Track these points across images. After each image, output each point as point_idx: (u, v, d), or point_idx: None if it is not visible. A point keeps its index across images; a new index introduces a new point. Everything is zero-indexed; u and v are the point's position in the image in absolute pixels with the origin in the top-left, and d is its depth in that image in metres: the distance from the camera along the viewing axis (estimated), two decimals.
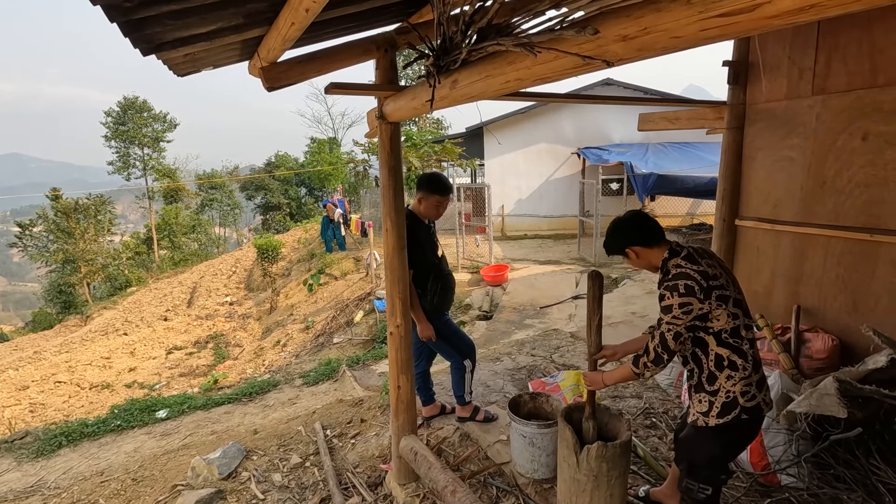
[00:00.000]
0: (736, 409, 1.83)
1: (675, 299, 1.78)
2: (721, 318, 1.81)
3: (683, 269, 1.83)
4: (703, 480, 1.95)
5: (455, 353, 3.18)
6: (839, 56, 3.10)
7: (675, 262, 1.88)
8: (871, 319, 2.98)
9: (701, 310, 1.78)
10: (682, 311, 1.78)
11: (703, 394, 1.89)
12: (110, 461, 4.10)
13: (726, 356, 1.83)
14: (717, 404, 1.85)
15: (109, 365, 11.50)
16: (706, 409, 1.88)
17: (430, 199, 3.03)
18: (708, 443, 1.93)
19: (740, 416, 1.83)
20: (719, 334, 1.83)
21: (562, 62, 1.31)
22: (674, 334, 1.81)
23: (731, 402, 1.83)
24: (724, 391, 1.84)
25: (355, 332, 8.57)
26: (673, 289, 1.80)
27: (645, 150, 11.38)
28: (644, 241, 1.97)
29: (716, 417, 1.86)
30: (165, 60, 2.28)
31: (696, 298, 1.77)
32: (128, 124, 28.34)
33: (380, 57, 2.57)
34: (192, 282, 18.27)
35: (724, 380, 1.84)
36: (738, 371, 1.83)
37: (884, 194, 2.94)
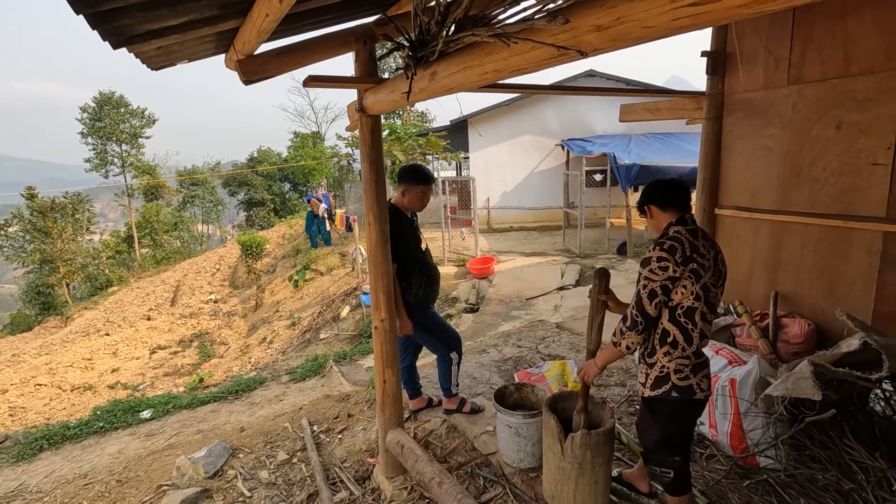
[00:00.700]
0: (667, 384, 1.90)
1: (655, 252, 1.85)
2: (684, 292, 1.84)
3: (678, 235, 1.89)
4: (659, 464, 2.03)
5: (441, 345, 3.18)
6: (814, 46, 3.15)
7: (677, 228, 1.93)
8: (846, 304, 3.06)
9: (674, 272, 1.81)
10: (658, 266, 1.83)
11: (644, 365, 1.99)
12: (94, 463, 4.04)
13: (673, 333, 1.88)
14: (651, 376, 1.94)
15: (91, 366, 11.30)
16: (643, 381, 2.00)
17: (414, 191, 3.02)
18: (647, 420, 2.02)
19: (671, 394, 1.89)
20: (675, 309, 1.87)
21: (538, 53, 1.31)
22: (649, 292, 1.84)
23: (663, 377, 1.90)
24: (659, 365, 1.92)
25: (342, 328, 8.54)
26: (659, 244, 1.87)
27: (628, 142, 11.47)
28: (660, 203, 2.01)
29: (649, 389, 1.95)
30: (137, 54, 2.23)
31: (674, 259, 1.81)
32: (104, 120, 27.65)
33: (359, 49, 2.54)
34: (175, 280, 18.00)
35: (662, 355, 1.91)
36: (677, 350, 1.89)
37: (857, 182, 3.00)
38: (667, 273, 1.82)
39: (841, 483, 2.14)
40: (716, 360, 2.87)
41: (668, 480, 2.03)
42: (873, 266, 2.96)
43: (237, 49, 2.35)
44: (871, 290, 2.98)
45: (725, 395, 2.67)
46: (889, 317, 2.91)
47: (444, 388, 3.29)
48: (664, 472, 2.02)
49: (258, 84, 2.54)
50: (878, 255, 2.93)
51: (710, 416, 2.76)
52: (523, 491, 2.58)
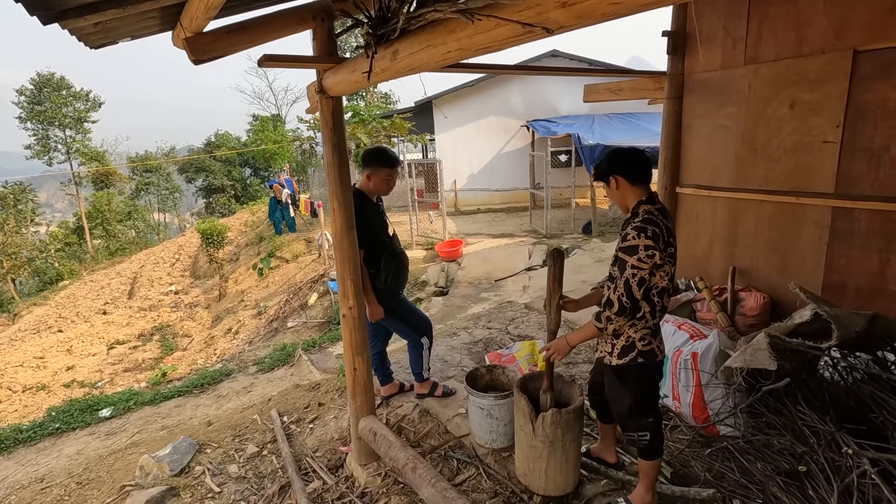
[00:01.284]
0: (633, 352, 2.00)
1: (641, 240, 1.83)
2: (662, 275, 1.92)
3: (654, 217, 1.90)
4: (636, 428, 2.09)
5: (412, 331, 3.16)
6: (769, 26, 3.22)
7: (648, 208, 1.95)
8: (798, 277, 3.21)
9: (660, 260, 1.85)
10: (646, 255, 1.83)
11: (609, 336, 2.05)
12: (51, 466, 3.86)
13: (644, 310, 1.95)
14: (618, 346, 2.03)
15: (44, 365, 10.75)
16: (610, 350, 2.07)
17: (379, 174, 2.95)
18: (619, 388, 2.08)
19: (637, 360, 2.00)
20: (650, 289, 1.93)
21: (503, 30, 1.27)
22: (639, 280, 1.85)
23: (629, 346, 2.00)
24: (625, 336, 2.01)
25: (310, 315, 8.41)
26: (641, 230, 1.84)
27: (591, 122, 11.59)
28: (629, 175, 1.99)
29: (616, 358, 2.03)
30: (73, 30, 2.06)
31: (658, 248, 1.84)
32: (45, 104, 25.82)
33: (316, 27, 2.43)
34: (131, 272, 17.25)
35: (629, 327, 1.98)
36: (642, 321, 1.97)
37: (808, 159, 3.12)
38: (653, 261, 1.85)
39: (794, 447, 2.26)
40: (678, 335, 2.97)
41: (646, 443, 2.09)
42: (822, 240, 3.11)
43: (184, 26, 2.20)
44: (821, 262, 3.14)
45: (688, 369, 2.76)
46: (837, 287, 3.07)
47: (416, 372, 3.29)
48: (641, 435, 2.08)
49: (213, 65, 2.41)
50: (827, 229, 3.07)
51: (674, 388, 2.86)
52: (496, 470, 2.62)
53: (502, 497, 2.44)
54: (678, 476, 2.44)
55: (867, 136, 2.82)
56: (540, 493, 2.32)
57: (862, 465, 1.93)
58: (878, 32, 2.71)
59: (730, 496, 2.25)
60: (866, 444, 2.03)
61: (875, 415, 2.19)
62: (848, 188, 2.95)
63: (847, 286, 3.02)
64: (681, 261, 4.10)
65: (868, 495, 1.90)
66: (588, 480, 2.45)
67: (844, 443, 2.04)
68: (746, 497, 2.22)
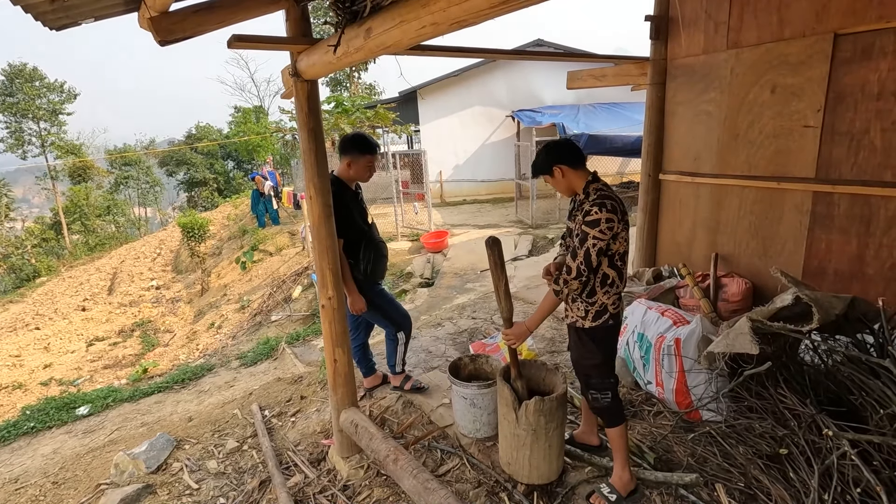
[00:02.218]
0: (605, 315, 2.15)
1: (602, 214, 1.98)
2: (622, 242, 2.07)
3: (606, 192, 2.07)
4: (599, 388, 2.19)
5: (388, 323, 3.11)
6: (750, 10, 3.20)
7: (597, 186, 2.12)
8: (779, 262, 3.22)
9: (618, 228, 2.01)
10: (606, 227, 1.98)
11: (582, 302, 2.16)
12: (26, 466, 3.75)
13: (612, 276, 2.11)
14: (591, 311, 2.15)
15: (20, 363, 10.48)
16: (583, 315, 2.17)
17: (360, 161, 2.88)
18: (589, 349, 2.19)
19: (608, 322, 2.15)
20: (613, 257, 2.09)
21: (477, 1, 1.21)
22: (597, 250, 2.00)
23: (602, 311, 2.14)
24: (599, 303, 2.14)
25: (294, 309, 8.30)
26: (601, 205, 1.99)
27: (576, 111, 11.58)
28: (571, 162, 2.13)
29: (591, 321, 2.15)
30: (27, 8, 1.95)
31: (616, 217, 2.00)
32: (17, 95, 25.02)
33: (289, 6, 2.33)
34: (111, 267, 16.89)
35: (602, 294, 2.12)
36: (613, 288, 2.13)
37: (790, 144, 3.12)
38: (612, 231, 2.00)
39: (776, 430, 2.26)
40: (661, 321, 2.96)
41: (608, 402, 2.18)
42: (803, 225, 3.12)
43: (149, 5, 2.09)
44: (802, 247, 3.15)
45: (671, 355, 2.76)
46: (817, 271, 3.09)
47: (389, 365, 3.26)
48: (604, 395, 2.18)
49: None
50: (808, 214, 3.09)
51: (657, 375, 2.86)
52: (480, 460, 2.59)
53: (486, 486, 2.42)
54: (661, 461, 2.44)
55: (847, 119, 2.83)
56: (524, 481, 2.30)
57: (842, 446, 1.94)
58: (858, 15, 2.70)
59: (712, 480, 2.25)
60: (846, 426, 2.04)
61: (854, 396, 2.20)
62: (828, 173, 2.96)
63: (827, 270, 3.04)
64: (664, 247, 4.13)
65: (848, 476, 1.90)
66: (572, 468, 2.44)
67: (825, 425, 2.05)
68: (729, 481, 2.22)
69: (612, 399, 2.19)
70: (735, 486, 2.19)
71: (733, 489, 2.18)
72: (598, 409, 2.22)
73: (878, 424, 2.01)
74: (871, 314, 2.32)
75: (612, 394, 2.19)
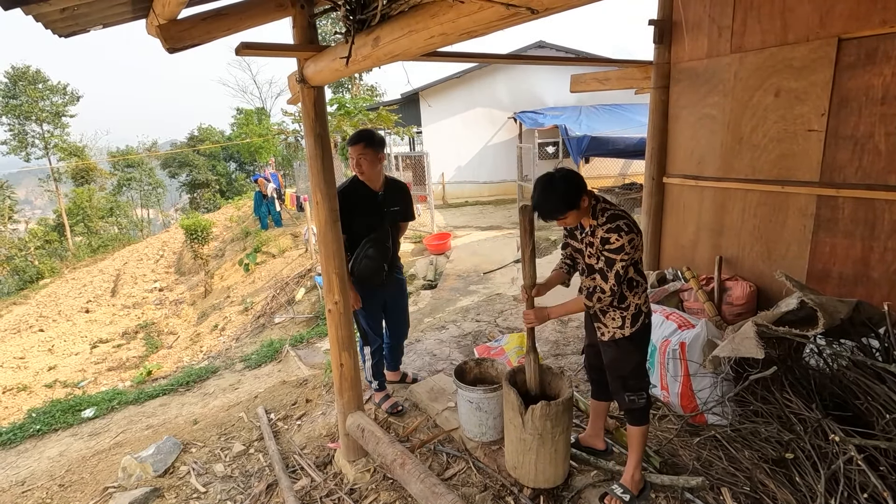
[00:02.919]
0: (641, 317, 2.16)
1: (624, 238, 1.97)
2: (641, 250, 2.08)
3: (614, 211, 2.04)
4: (637, 388, 2.18)
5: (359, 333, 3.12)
6: (754, 14, 3.21)
7: (602, 206, 2.07)
8: (783, 265, 3.23)
9: (638, 243, 2.03)
10: (631, 247, 1.99)
11: (615, 311, 2.15)
12: (32, 469, 3.77)
13: (636, 279, 2.13)
14: (628, 317, 2.14)
15: (25, 365, 10.52)
16: (620, 324, 2.15)
17: (349, 154, 2.92)
18: (629, 352, 2.18)
19: (645, 322, 2.17)
20: (637, 263, 2.12)
21: (487, 13, 1.22)
22: (625, 269, 2.02)
23: (637, 313, 2.15)
24: (633, 306, 2.14)
25: (297, 311, 8.32)
26: (618, 229, 1.98)
27: (578, 113, 11.58)
28: (579, 201, 2.03)
29: (630, 328, 2.14)
30: (38, 17, 1.97)
31: (635, 232, 2.00)
32: (20, 98, 25.08)
33: (296, 13, 2.35)
34: (114, 269, 16.93)
35: (632, 297, 2.13)
36: (640, 288, 2.15)
37: (794, 148, 3.13)
38: (636, 248, 2.02)
39: (781, 434, 2.27)
40: (666, 325, 2.97)
41: (643, 403, 2.18)
42: (807, 228, 3.12)
43: (157, 13, 2.12)
44: (806, 251, 3.15)
45: (676, 358, 2.76)
46: (822, 275, 3.09)
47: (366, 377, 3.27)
48: (640, 396, 2.18)
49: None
50: (812, 217, 3.09)
51: (662, 378, 2.86)
52: (486, 464, 2.60)
53: (492, 490, 2.42)
54: (667, 465, 2.45)
55: (851, 123, 2.83)
56: (530, 485, 2.31)
57: (848, 451, 1.95)
58: (861, 20, 2.71)
59: (718, 484, 2.26)
60: (852, 431, 2.05)
61: (860, 401, 2.20)
62: (832, 176, 2.96)
63: (831, 274, 3.05)
64: (668, 251, 4.13)
65: (854, 481, 1.91)
66: (578, 472, 2.45)
67: (831, 430, 2.05)
68: (734, 485, 2.23)
69: (646, 399, 2.20)
70: (741, 490, 2.19)
71: (739, 493, 2.18)
72: (632, 410, 2.21)
73: (884, 429, 2.02)
74: (876, 318, 2.32)
75: (647, 393, 2.20)
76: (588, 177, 12.47)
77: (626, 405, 2.21)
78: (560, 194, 2.00)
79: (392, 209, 3.05)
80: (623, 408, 2.25)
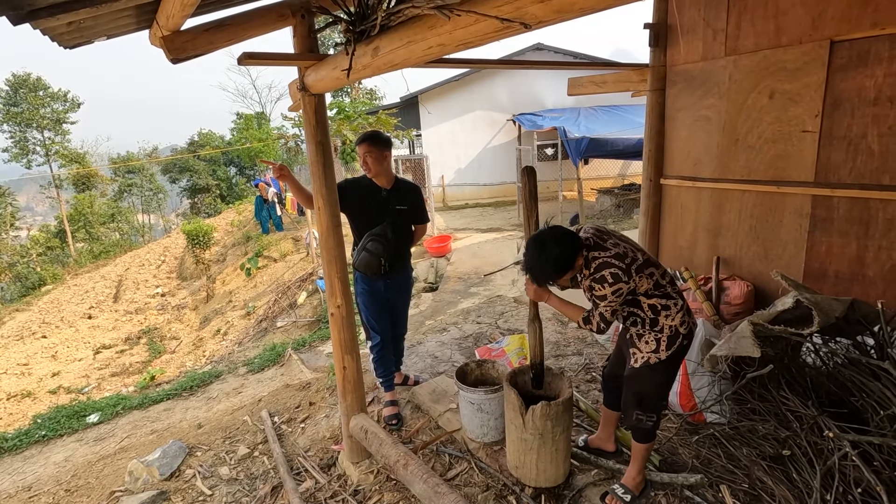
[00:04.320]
0: (679, 339, 2.07)
1: (606, 289, 1.95)
2: (643, 283, 2.00)
3: (602, 260, 1.98)
4: (651, 409, 2.13)
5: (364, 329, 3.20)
6: (748, 17, 3.25)
7: (593, 255, 2.01)
8: (779, 265, 3.26)
9: (629, 287, 1.96)
10: (615, 297, 1.96)
11: (650, 334, 2.08)
12: (38, 474, 3.81)
13: (658, 303, 2.05)
14: (663, 340, 2.07)
15: (28, 372, 10.57)
16: (655, 347, 2.08)
17: (357, 153, 3.01)
18: (659, 375, 2.11)
19: (683, 343, 2.08)
20: (646, 293, 2.03)
21: (482, 26, 1.27)
22: (611, 311, 2.02)
23: (674, 335, 2.07)
24: (667, 328, 2.06)
25: (300, 314, 8.36)
26: (601, 280, 1.95)
27: (577, 115, 11.63)
28: (577, 259, 2.00)
29: (665, 351, 2.07)
30: (45, 30, 2.01)
31: (622, 282, 1.94)
32: (21, 105, 25.21)
33: (296, 23, 2.40)
34: (116, 275, 16.99)
35: (664, 318, 2.06)
36: (671, 309, 2.06)
37: (788, 149, 3.17)
38: (623, 296, 1.98)
39: (778, 431, 2.30)
40: None
41: (651, 425, 2.14)
42: (803, 228, 3.16)
43: (161, 24, 2.16)
44: (802, 250, 3.19)
45: None
46: (818, 274, 3.12)
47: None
48: (649, 418, 2.12)
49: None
50: (807, 217, 3.12)
51: None
52: (488, 464, 2.64)
53: (494, 490, 2.46)
54: (667, 463, 2.48)
55: (845, 124, 2.87)
56: (531, 484, 2.35)
57: (843, 447, 1.98)
58: (853, 22, 2.75)
59: (717, 481, 2.29)
60: (847, 427, 2.08)
61: (855, 398, 2.24)
62: (827, 177, 3.00)
63: (827, 272, 3.08)
64: (666, 251, 4.17)
65: (849, 476, 1.94)
66: (579, 471, 2.48)
67: (826, 426, 2.09)
68: (733, 482, 2.26)
69: (655, 421, 2.13)
70: (739, 486, 2.23)
71: (737, 490, 2.22)
72: (637, 429, 2.17)
73: (878, 425, 2.05)
74: (870, 316, 2.36)
75: (657, 416, 2.14)
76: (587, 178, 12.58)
77: (632, 422, 2.16)
78: (553, 260, 1.97)
79: (398, 208, 3.11)
80: (628, 424, 2.20)
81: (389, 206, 3.06)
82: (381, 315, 3.18)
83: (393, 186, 3.07)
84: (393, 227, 3.05)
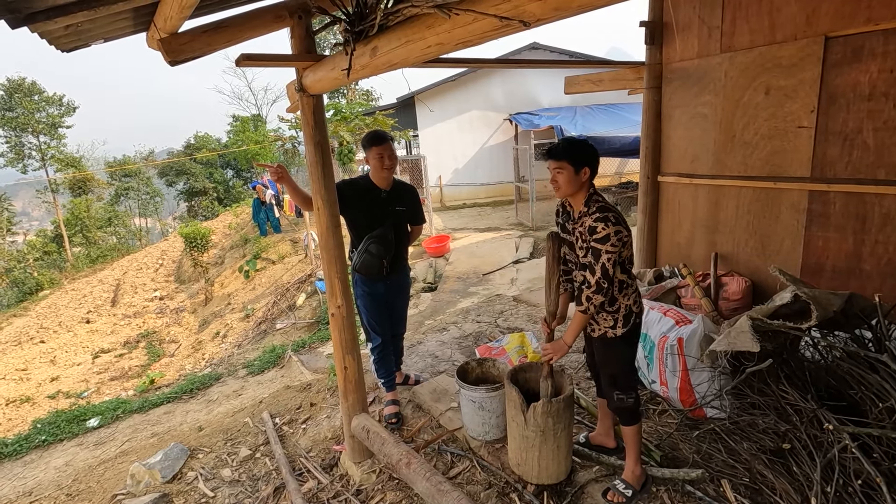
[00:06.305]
0: (633, 316, 2.22)
1: (610, 228, 2.01)
2: (629, 247, 2.13)
3: (605, 205, 2.11)
4: (627, 387, 2.23)
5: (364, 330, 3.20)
6: (743, 14, 3.27)
7: (598, 198, 2.15)
8: (777, 260, 3.28)
9: (626, 237, 2.07)
10: (616, 239, 2.02)
11: (606, 313, 2.20)
12: (39, 479, 3.80)
13: (625, 280, 2.17)
14: (619, 318, 2.20)
15: (27, 377, 10.53)
16: (612, 324, 2.21)
17: (369, 155, 2.99)
18: (619, 350, 2.25)
19: (636, 320, 2.23)
20: (624, 263, 2.15)
21: (480, 24, 1.27)
22: (613, 262, 2.05)
23: (629, 313, 2.20)
24: (623, 307, 2.19)
25: (299, 316, 8.36)
26: (606, 220, 2.03)
27: (573, 114, 11.65)
28: (594, 169, 2.14)
29: (622, 328, 2.20)
30: (43, 34, 2.01)
31: (623, 227, 2.05)
32: (16, 110, 25.11)
33: (294, 24, 2.40)
34: (114, 279, 16.94)
35: (622, 298, 2.19)
36: (630, 289, 2.20)
37: (784, 144, 3.19)
38: (622, 241, 2.05)
39: (778, 425, 2.32)
40: (664, 321, 3.02)
41: (632, 402, 2.22)
42: (800, 223, 3.18)
43: (158, 27, 2.16)
44: (799, 245, 3.21)
45: (674, 354, 2.81)
46: (815, 268, 3.14)
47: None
48: (629, 395, 2.22)
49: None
50: (804, 212, 3.14)
51: (661, 374, 2.91)
52: (490, 462, 2.64)
53: (496, 488, 2.47)
54: (667, 458, 2.49)
55: (840, 120, 2.89)
56: (533, 482, 2.36)
57: (843, 439, 1.99)
58: (847, 18, 2.77)
59: (718, 476, 2.30)
60: (846, 420, 2.10)
61: (854, 391, 2.25)
62: (823, 172, 3.02)
63: (824, 267, 3.10)
64: (665, 248, 4.19)
65: (849, 468, 1.96)
66: (580, 467, 2.49)
67: (825, 419, 2.10)
68: (734, 476, 2.28)
69: (635, 399, 2.23)
70: (740, 481, 2.24)
71: (738, 484, 2.23)
72: (621, 409, 2.25)
73: (877, 418, 2.07)
74: (868, 310, 2.37)
75: (636, 393, 2.24)
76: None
77: (615, 403, 2.26)
78: (576, 145, 2.12)
79: (397, 209, 3.12)
80: (612, 406, 2.30)
81: (389, 208, 3.07)
82: (381, 317, 3.19)
83: (392, 188, 3.08)
84: (394, 228, 3.07)
